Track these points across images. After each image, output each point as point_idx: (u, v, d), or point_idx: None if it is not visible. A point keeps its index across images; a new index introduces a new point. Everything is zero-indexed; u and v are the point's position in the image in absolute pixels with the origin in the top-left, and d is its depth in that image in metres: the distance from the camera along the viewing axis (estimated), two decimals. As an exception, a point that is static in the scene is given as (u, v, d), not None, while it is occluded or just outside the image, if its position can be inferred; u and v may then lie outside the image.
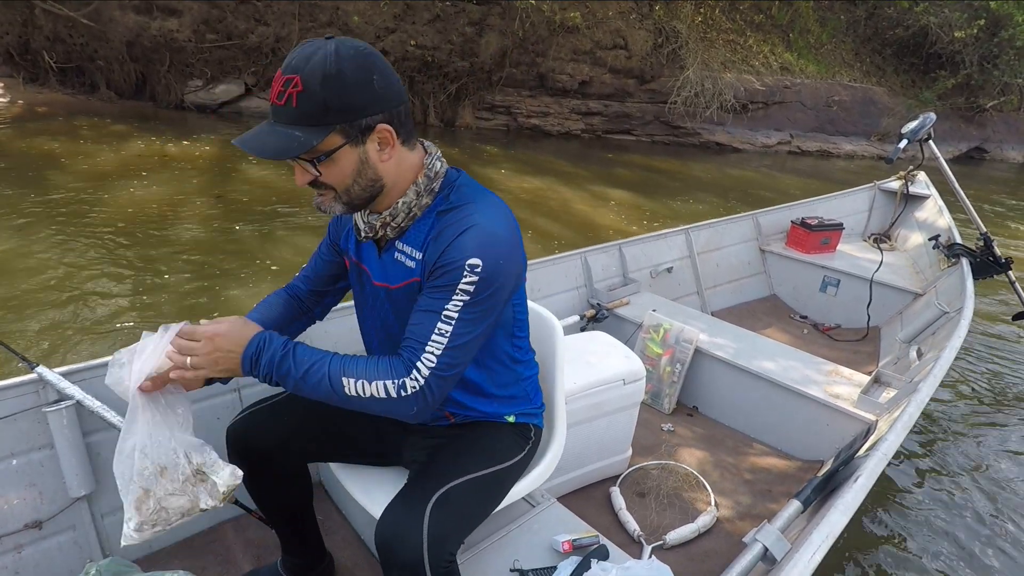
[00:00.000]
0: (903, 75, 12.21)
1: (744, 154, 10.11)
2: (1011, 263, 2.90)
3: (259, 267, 3.85)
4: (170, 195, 4.91)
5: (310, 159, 0.91)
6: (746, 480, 2.04)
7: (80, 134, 6.33)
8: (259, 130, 0.90)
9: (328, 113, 0.87)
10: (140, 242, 3.99)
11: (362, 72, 0.88)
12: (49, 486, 1.39)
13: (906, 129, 2.84)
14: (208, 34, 7.79)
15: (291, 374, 0.94)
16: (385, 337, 1.15)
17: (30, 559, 1.37)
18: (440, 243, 0.96)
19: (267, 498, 1.26)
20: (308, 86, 0.85)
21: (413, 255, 1.02)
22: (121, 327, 3.04)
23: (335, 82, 0.86)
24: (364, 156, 0.93)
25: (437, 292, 0.95)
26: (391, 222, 1.01)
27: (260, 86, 8.38)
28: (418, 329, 0.95)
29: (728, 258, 3.34)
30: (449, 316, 0.94)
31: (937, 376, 1.76)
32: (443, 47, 8.53)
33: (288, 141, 0.87)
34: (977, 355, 3.53)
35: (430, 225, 1.00)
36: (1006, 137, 12.84)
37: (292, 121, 0.88)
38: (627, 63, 9.32)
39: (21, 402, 1.34)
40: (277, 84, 0.88)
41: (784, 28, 11.11)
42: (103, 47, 7.50)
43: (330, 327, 1.81)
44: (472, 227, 0.94)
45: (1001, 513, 2.24)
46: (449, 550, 0.99)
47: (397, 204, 1.00)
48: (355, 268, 1.15)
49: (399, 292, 1.06)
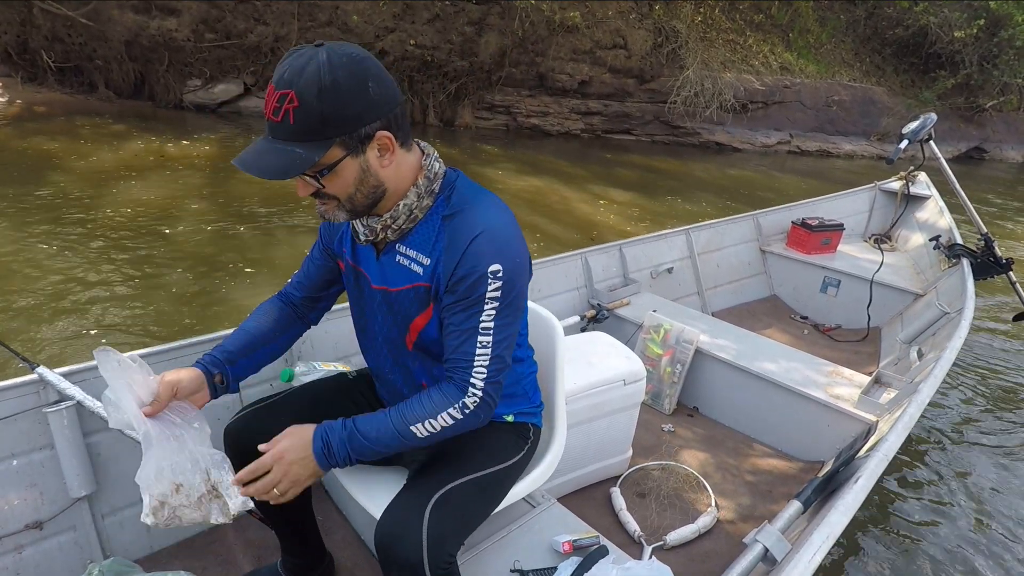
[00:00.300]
0: (903, 75, 12.21)
1: (744, 154, 10.10)
2: (1012, 263, 2.89)
3: (258, 267, 3.84)
4: (169, 195, 4.90)
5: (313, 174, 0.90)
6: (746, 481, 2.04)
7: (79, 134, 6.32)
8: (258, 149, 0.88)
9: (327, 126, 0.86)
10: (139, 242, 3.98)
11: (357, 80, 0.86)
12: (50, 486, 1.38)
13: (907, 129, 2.83)
14: (207, 33, 7.78)
15: (366, 447, 0.98)
16: (383, 340, 1.14)
17: (31, 559, 1.37)
18: (454, 252, 0.96)
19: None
20: (304, 100, 0.84)
21: (419, 259, 1.02)
22: (119, 327, 3.03)
23: (331, 94, 0.84)
24: (365, 164, 0.92)
25: (468, 308, 0.96)
26: (392, 225, 1.01)
27: (259, 86, 8.37)
28: (461, 350, 0.98)
29: (728, 258, 3.34)
30: (486, 328, 0.96)
31: (938, 377, 1.76)
32: (443, 47, 8.52)
33: (290, 159, 0.86)
34: (978, 356, 3.53)
35: (436, 230, 1.00)
36: (1005, 137, 12.83)
37: (290, 137, 0.87)
38: (627, 63, 9.31)
39: (22, 402, 1.34)
40: (271, 99, 0.86)
41: (784, 28, 11.11)
42: (102, 46, 7.49)
43: (330, 327, 1.81)
44: (483, 232, 0.95)
45: (1001, 514, 2.23)
46: (449, 551, 0.99)
47: (398, 207, 0.99)
48: (351, 271, 1.14)
49: (400, 295, 1.05)
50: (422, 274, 1.01)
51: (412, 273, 1.02)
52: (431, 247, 1.00)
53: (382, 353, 1.16)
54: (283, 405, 1.20)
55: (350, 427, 0.98)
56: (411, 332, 1.08)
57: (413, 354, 1.11)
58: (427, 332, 1.06)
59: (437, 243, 0.99)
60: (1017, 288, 3.04)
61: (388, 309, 1.09)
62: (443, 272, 0.98)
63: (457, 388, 0.98)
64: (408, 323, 1.07)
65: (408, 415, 0.98)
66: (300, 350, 1.76)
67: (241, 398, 1.65)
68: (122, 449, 1.48)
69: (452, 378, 0.99)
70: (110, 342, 2.89)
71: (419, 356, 1.11)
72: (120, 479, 1.49)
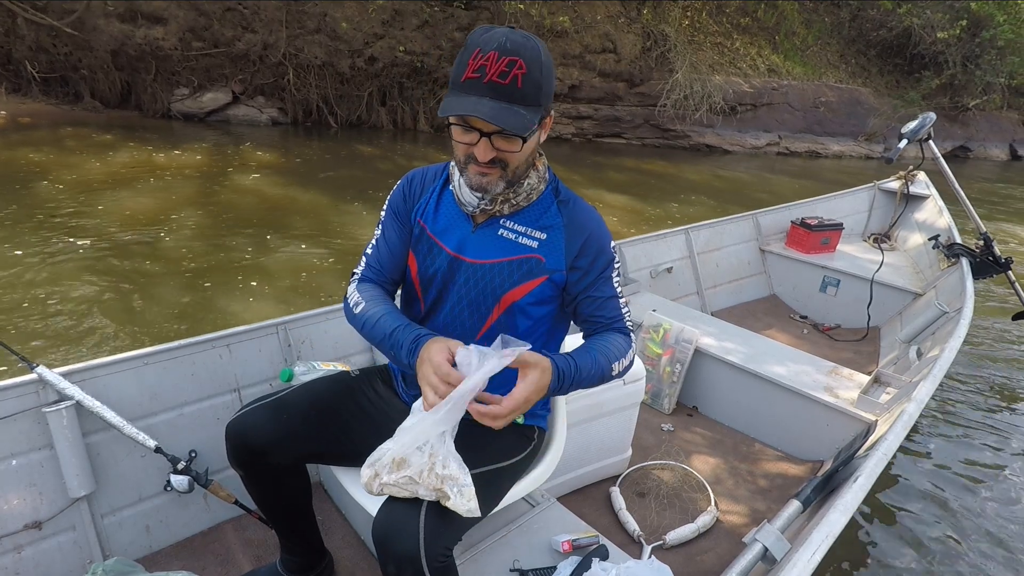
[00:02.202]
0: (888, 76, 12.36)
1: (734, 156, 10.17)
2: (1011, 263, 2.90)
3: (251, 277, 3.79)
4: (158, 205, 4.84)
5: (523, 137, 0.97)
6: (746, 480, 2.03)
7: (65, 145, 6.24)
8: (488, 105, 0.92)
9: (540, 96, 0.96)
10: (129, 253, 3.91)
11: (550, 60, 0.97)
12: (49, 486, 1.38)
13: (906, 129, 2.83)
14: (194, 42, 7.73)
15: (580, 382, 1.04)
16: (463, 308, 1.15)
17: (30, 559, 1.36)
18: (578, 231, 1.10)
19: (266, 497, 1.25)
20: (530, 68, 0.92)
21: (531, 234, 1.11)
22: (109, 338, 2.98)
23: (546, 68, 0.95)
24: (537, 138, 1.04)
25: (604, 278, 1.13)
26: (512, 199, 1.08)
27: (248, 94, 8.33)
28: (612, 312, 1.14)
29: (728, 258, 3.34)
30: (619, 291, 1.15)
31: (937, 376, 1.76)
32: (432, 52, 8.52)
33: (521, 119, 0.94)
34: (977, 355, 3.53)
35: (553, 212, 1.11)
36: (989, 136, 13.02)
37: (515, 100, 0.93)
38: (616, 67, 9.36)
39: (21, 402, 1.34)
40: (497, 64, 0.91)
41: (770, 30, 11.22)
42: (87, 56, 7.42)
43: (329, 327, 1.81)
44: (599, 220, 1.13)
45: (1001, 513, 2.23)
46: (445, 544, 0.99)
47: (522, 184, 1.08)
48: (427, 241, 1.15)
49: (499, 266, 1.11)
50: (536, 247, 1.10)
51: (521, 246, 1.11)
52: (546, 225, 1.11)
53: (450, 323, 1.17)
54: (286, 403, 1.19)
55: (574, 365, 1.02)
56: (503, 302, 1.12)
57: (498, 322, 1.15)
58: (523, 301, 1.12)
59: (555, 223, 1.11)
60: (1016, 287, 3.04)
61: (476, 280, 1.12)
62: (567, 249, 1.10)
63: (622, 334, 1.14)
64: (502, 293, 1.12)
65: (608, 354, 1.08)
66: (300, 350, 1.74)
67: (241, 397, 1.64)
68: (121, 449, 1.47)
69: (615, 329, 1.14)
70: (97, 354, 2.83)
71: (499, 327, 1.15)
72: (119, 479, 1.48)
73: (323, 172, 6.36)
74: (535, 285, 1.10)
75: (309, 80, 8.37)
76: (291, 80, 8.28)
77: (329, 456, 1.25)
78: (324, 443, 1.20)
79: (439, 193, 1.16)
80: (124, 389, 1.46)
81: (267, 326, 1.68)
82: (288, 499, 1.27)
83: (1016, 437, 2.73)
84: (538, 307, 1.13)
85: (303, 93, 8.45)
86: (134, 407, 1.48)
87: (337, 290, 3.69)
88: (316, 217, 4.96)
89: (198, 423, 1.57)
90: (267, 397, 1.20)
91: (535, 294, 1.11)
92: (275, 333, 1.69)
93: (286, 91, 8.39)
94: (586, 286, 1.11)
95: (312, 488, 1.32)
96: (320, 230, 4.67)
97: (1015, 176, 11.36)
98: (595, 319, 1.14)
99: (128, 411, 1.45)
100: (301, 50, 8.10)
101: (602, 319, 1.14)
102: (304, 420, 1.17)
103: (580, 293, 1.12)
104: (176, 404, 1.54)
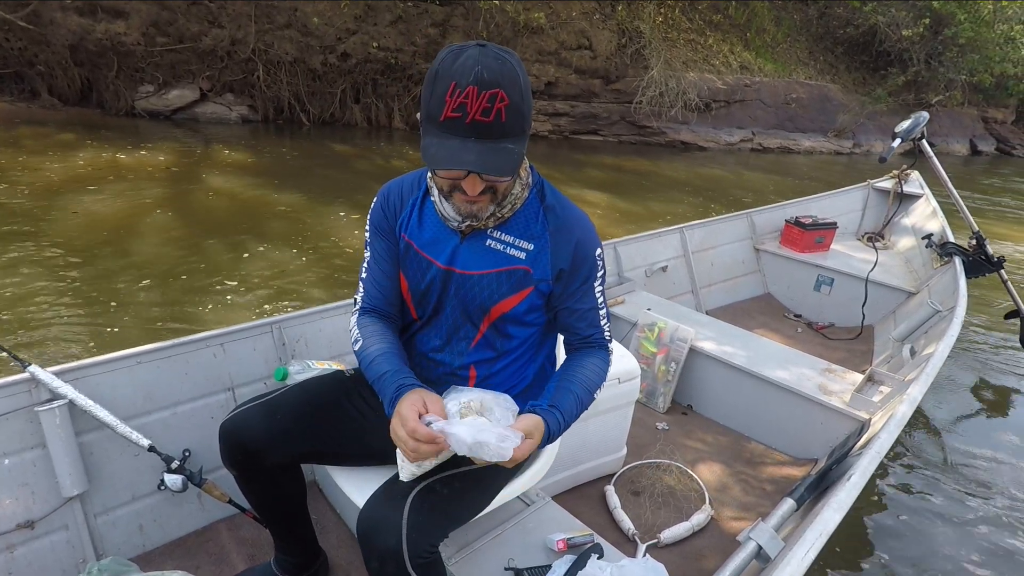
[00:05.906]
0: (855, 72, 12.66)
1: (709, 152, 10.27)
2: (1003, 262, 2.92)
3: (226, 282, 3.64)
4: (125, 208, 4.62)
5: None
6: (740, 478, 2.04)
7: (22, 144, 5.94)
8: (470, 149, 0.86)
9: (525, 123, 0.90)
10: (95, 259, 3.71)
11: (527, 78, 0.90)
12: (41, 486, 1.38)
13: (900, 128, 2.84)
14: (158, 37, 7.45)
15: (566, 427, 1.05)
16: (453, 320, 1.12)
17: (22, 559, 1.36)
18: (564, 240, 1.06)
19: (260, 496, 1.25)
20: (512, 98, 0.86)
21: (518, 245, 1.06)
22: (77, 348, 2.82)
23: (526, 91, 0.88)
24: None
25: (585, 288, 1.09)
26: (496, 212, 1.03)
27: (216, 91, 8.08)
28: (592, 325, 1.13)
29: (723, 257, 3.34)
30: (601, 302, 1.13)
31: (930, 375, 1.78)
32: (406, 49, 8.39)
33: (512, 157, 0.89)
34: (969, 354, 3.57)
35: (540, 220, 1.06)
36: (951, 131, 13.46)
37: (502, 136, 0.88)
38: (592, 63, 9.37)
39: (13, 401, 1.34)
40: (479, 101, 0.84)
41: (742, 28, 11.37)
42: (43, 51, 7.08)
43: (324, 325, 1.78)
44: (584, 223, 1.08)
45: (993, 510, 2.24)
46: (430, 541, 0.98)
47: (507, 197, 1.03)
48: (415, 256, 1.11)
49: (487, 278, 1.07)
50: (524, 258, 1.06)
51: (510, 257, 1.06)
52: (533, 234, 1.06)
53: (439, 334, 1.14)
54: (280, 403, 1.17)
55: (558, 416, 1.02)
56: (492, 313, 1.09)
57: (489, 331, 1.13)
58: (513, 312, 1.09)
59: (542, 231, 1.06)
60: (1009, 286, 3.06)
61: (469, 290, 1.08)
62: (553, 259, 1.06)
63: (602, 349, 1.14)
64: (491, 304, 1.08)
65: (589, 384, 1.08)
66: (294, 349, 1.72)
67: (235, 396, 1.63)
68: (114, 448, 1.47)
69: (593, 345, 1.13)
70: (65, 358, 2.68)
71: (491, 335, 1.13)
72: (113, 478, 1.47)
73: (297, 171, 6.18)
74: (524, 296, 1.08)
75: (280, 77, 8.16)
76: (261, 77, 8.06)
77: (324, 456, 1.23)
78: (318, 443, 1.19)
79: (420, 205, 1.11)
80: (117, 388, 1.46)
81: (261, 325, 1.67)
82: (282, 499, 1.26)
83: (1009, 434, 2.75)
84: (527, 316, 1.12)
85: (274, 90, 8.24)
86: (127, 406, 1.47)
87: (317, 294, 3.58)
88: (292, 219, 4.80)
89: (192, 422, 1.57)
90: (261, 397, 1.19)
91: (524, 304, 1.09)
92: (269, 332, 1.68)
93: (256, 88, 8.17)
94: (567, 295, 1.10)
95: (307, 487, 1.32)
96: (296, 232, 4.53)
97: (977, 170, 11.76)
98: (574, 331, 1.14)
99: (121, 410, 1.45)
100: (271, 46, 7.89)
101: (580, 332, 1.13)
102: (298, 420, 1.16)
103: (561, 303, 1.11)
104: (170, 403, 1.54)
